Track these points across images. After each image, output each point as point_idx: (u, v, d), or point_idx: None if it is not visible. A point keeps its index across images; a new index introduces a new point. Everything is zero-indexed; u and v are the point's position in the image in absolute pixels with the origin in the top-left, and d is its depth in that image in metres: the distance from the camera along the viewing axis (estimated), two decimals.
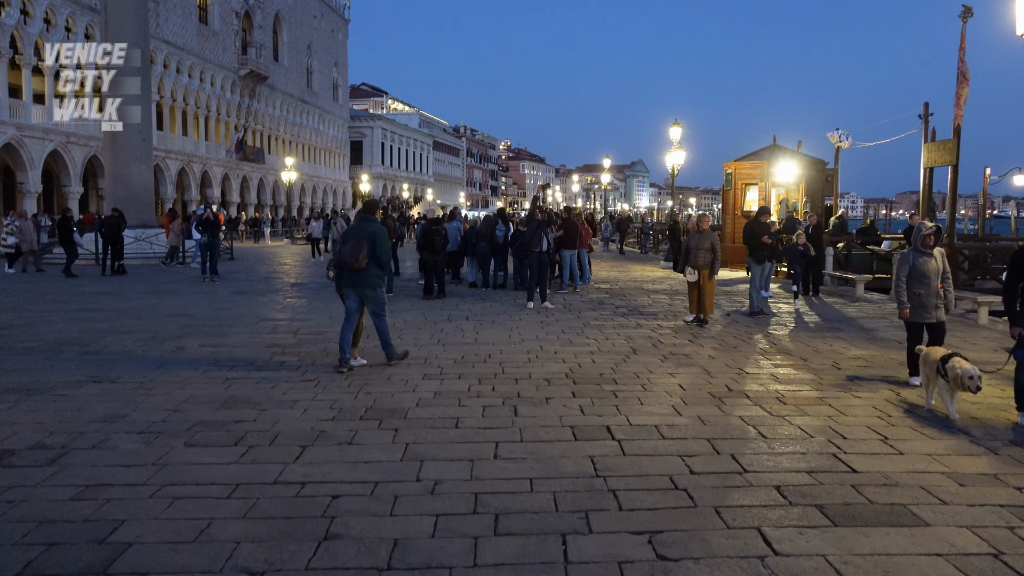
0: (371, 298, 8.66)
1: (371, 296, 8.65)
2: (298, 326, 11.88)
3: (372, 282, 8.56)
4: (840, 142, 24.58)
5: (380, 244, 8.39)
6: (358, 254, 8.26)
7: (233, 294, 16.39)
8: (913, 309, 7.82)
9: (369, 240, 8.34)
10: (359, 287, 8.57)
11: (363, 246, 8.28)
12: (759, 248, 13.67)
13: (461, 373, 8.44)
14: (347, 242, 8.39)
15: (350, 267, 8.36)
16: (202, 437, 6.09)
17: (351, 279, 8.52)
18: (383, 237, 8.51)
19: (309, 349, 9.94)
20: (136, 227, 26.12)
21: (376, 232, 8.44)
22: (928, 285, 7.77)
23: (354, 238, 8.37)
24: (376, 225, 8.64)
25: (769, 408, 6.96)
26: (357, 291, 8.60)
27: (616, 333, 11.40)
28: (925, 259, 7.79)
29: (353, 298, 8.65)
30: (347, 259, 8.31)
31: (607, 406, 7.01)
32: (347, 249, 8.32)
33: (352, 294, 8.64)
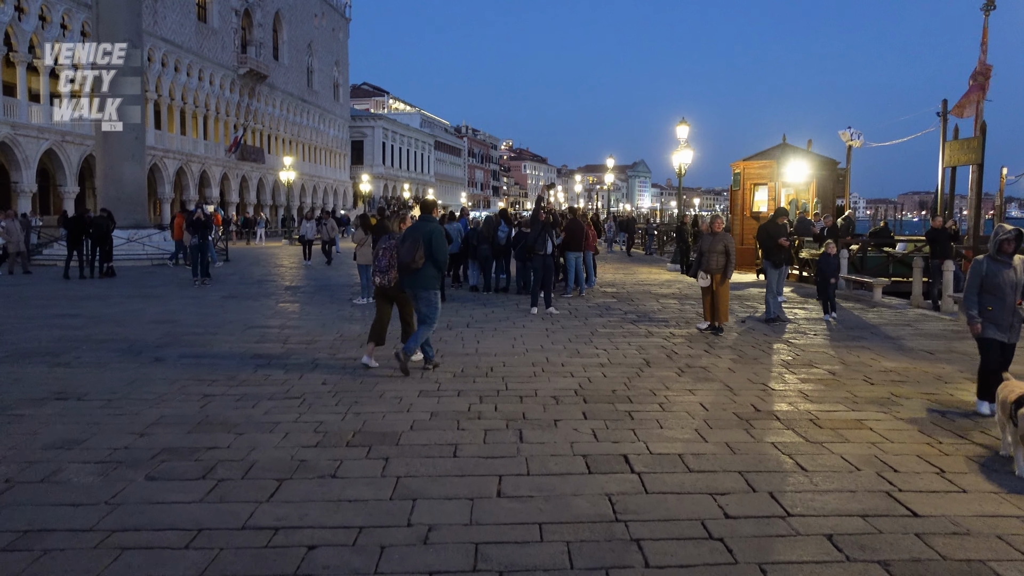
0: (424, 298, 8.53)
1: (424, 296, 8.52)
2: (288, 334, 11.17)
3: (428, 282, 8.47)
4: (852, 141, 23.86)
5: (436, 244, 8.31)
6: (415, 253, 8.18)
7: (223, 298, 15.68)
8: (984, 325, 6.75)
9: (425, 240, 8.23)
10: (414, 287, 8.48)
11: (419, 246, 8.19)
12: (776, 251, 12.94)
13: (460, 389, 7.73)
14: (405, 242, 8.30)
15: (407, 267, 8.29)
16: (167, 468, 5.38)
17: (407, 279, 8.45)
18: (440, 237, 8.43)
19: (297, 360, 9.23)
20: (128, 228, 25.44)
21: (433, 232, 8.35)
22: (1003, 299, 6.64)
23: (411, 238, 8.27)
24: (434, 225, 8.55)
25: (804, 433, 6.23)
26: (412, 291, 8.52)
27: (626, 342, 10.68)
28: (1001, 269, 6.66)
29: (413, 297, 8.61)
30: (404, 259, 8.24)
31: (623, 430, 6.29)
32: (404, 249, 8.26)
33: (410, 293, 8.60)
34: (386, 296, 8.95)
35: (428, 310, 8.52)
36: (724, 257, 11.50)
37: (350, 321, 12.58)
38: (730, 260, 11.43)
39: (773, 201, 25.34)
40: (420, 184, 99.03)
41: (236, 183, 60.20)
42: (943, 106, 20.21)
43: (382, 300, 9.04)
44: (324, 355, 9.58)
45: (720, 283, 11.51)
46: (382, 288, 8.81)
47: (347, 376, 8.34)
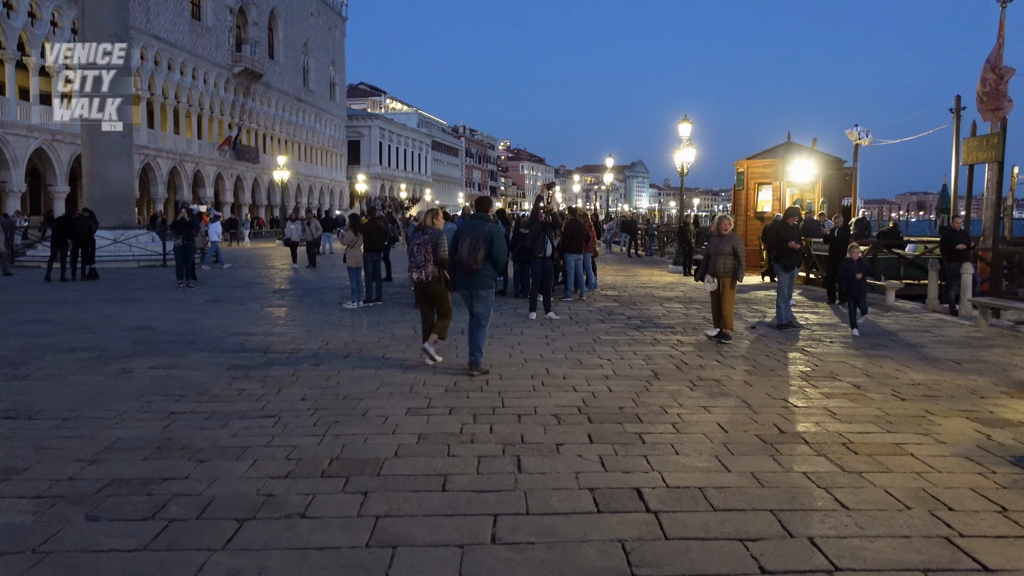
0: (482, 298, 8.43)
1: (483, 296, 8.42)
2: (270, 342, 10.46)
3: (486, 282, 8.38)
4: (860, 139, 23.19)
5: (497, 244, 8.22)
6: (476, 254, 8.09)
7: (206, 302, 14.96)
8: None
9: (486, 240, 8.13)
10: (473, 287, 8.36)
11: (480, 246, 8.09)
12: (787, 254, 12.25)
13: (452, 406, 7.02)
14: (463, 241, 8.17)
15: (467, 267, 8.17)
16: (112, 505, 4.67)
17: (465, 279, 8.34)
18: (500, 237, 8.36)
19: (277, 372, 8.51)
20: (115, 228, 24.74)
21: (493, 232, 8.26)
22: None
23: (471, 238, 8.15)
24: (492, 224, 8.46)
25: (838, 460, 5.53)
26: (470, 291, 8.39)
27: (631, 351, 9.98)
28: None
29: (466, 297, 8.51)
30: (465, 259, 8.13)
31: (634, 456, 5.58)
32: (465, 249, 8.13)
33: (465, 294, 8.47)
34: (424, 292, 8.94)
35: (485, 310, 8.46)
36: (733, 260, 10.81)
37: (337, 327, 11.87)
38: (740, 263, 10.74)
39: (778, 201, 24.69)
40: (417, 184, 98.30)
41: (231, 183, 59.46)
42: (956, 102, 19.54)
43: (422, 298, 9.09)
44: (306, 366, 8.87)
45: (729, 287, 10.82)
46: (419, 284, 8.82)
47: (329, 391, 7.63)
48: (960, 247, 14.67)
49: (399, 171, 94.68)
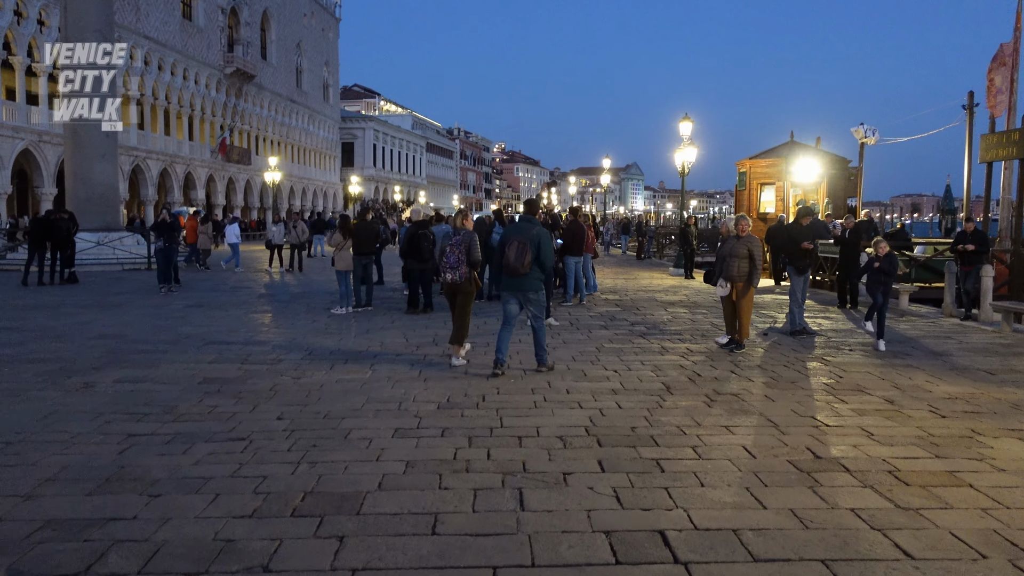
0: (533, 301, 8.42)
1: (533, 299, 8.41)
2: (249, 352, 9.71)
3: (535, 285, 8.35)
4: (866, 138, 22.55)
5: (545, 248, 8.24)
6: (524, 258, 8.06)
7: (187, 307, 14.21)
8: None
9: (533, 243, 8.12)
10: (522, 290, 8.35)
11: (528, 250, 8.06)
12: (800, 256, 11.55)
13: (445, 427, 6.29)
14: (510, 245, 8.14)
15: (515, 271, 8.14)
16: (40, 556, 3.94)
17: (513, 282, 8.33)
18: (547, 239, 8.36)
19: (254, 387, 7.78)
20: (98, 230, 23.96)
21: (541, 235, 8.25)
22: None
23: (518, 241, 8.13)
24: (539, 227, 8.43)
25: (888, 493, 4.82)
26: (519, 294, 8.39)
27: (639, 361, 9.27)
28: None
29: (513, 302, 8.46)
30: (512, 263, 8.10)
31: (653, 489, 4.87)
32: (512, 253, 8.09)
33: (512, 298, 8.45)
34: (452, 293, 8.97)
35: (538, 310, 8.48)
36: (748, 263, 10.10)
37: (323, 335, 11.13)
38: (755, 267, 10.03)
39: (781, 202, 24.08)
40: (411, 186, 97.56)
41: (222, 185, 58.63)
42: (969, 99, 18.88)
43: (450, 297, 9.10)
44: (287, 379, 8.14)
45: (743, 293, 10.11)
46: (452, 285, 8.81)
47: (309, 408, 6.90)
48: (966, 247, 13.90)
49: (393, 173, 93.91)
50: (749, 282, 10.14)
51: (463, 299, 8.93)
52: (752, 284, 10.13)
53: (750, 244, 10.09)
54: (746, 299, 10.20)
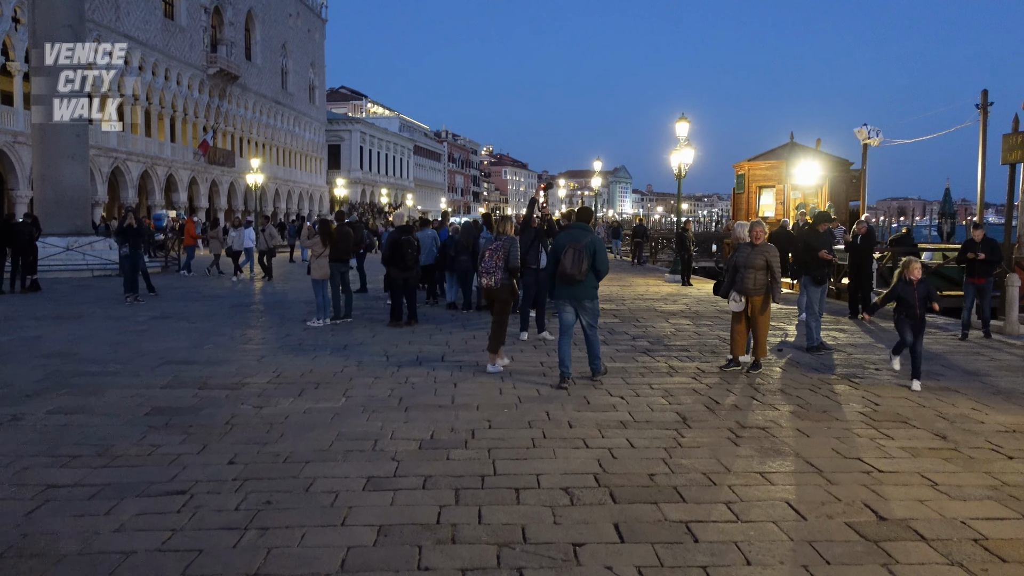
0: (588, 309, 8.33)
1: (588, 308, 8.33)
2: (211, 374, 8.67)
3: (590, 293, 8.30)
4: (869, 139, 21.70)
5: (600, 255, 8.22)
6: (580, 265, 8.00)
7: (152, 319, 13.14)
8: None
9: (589, 251, 8.07)
10: (577, 298, 8.25)
11: (584, 257, 8.00)
12: (818, 265, 10.60)
13: (428, 475, 5.28)
14: (566, 252, 8.06)
15: (572, 278, 8.05)
16: None
17: (568, 290, 8.23)
18: (602, 247, 8.37)
19: (208, 419, 6.74)
20: (68, 235, 22.81)
21: (596, 242, 8.22)
22: None
23: (573, 248, 8.06)
24: (594, 235, 8.36)
25: (984, 574, 3.84)
26: (574, 303, 8.28)
27: (647, 384, 8.28)
28: None
29: (568, 310, 8.36)
30: (569, 270, 8.02)
31: (688, 569, 3.86)
32: (568, 260, 8.03)
33: (568, 306, 8.33)
34: (490, 298, 8.99)
35: (593, 318, 8.39)
36: (766, 274, 9.09)
37: (296, 352, 10.09)
38: (775, 279, 9.04)
39: (781, 205, 23.21)
40: (399, 189, 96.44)
41: (205, 188, 57.43)
42: (983, 97, 18.02)
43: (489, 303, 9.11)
44: (248, 408, 7.11)
45: (761, 309, 9.11)
46: (489, 290, 8.87)
47: (268, 449, 5.87)
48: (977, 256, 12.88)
49: (380, 176, 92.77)
50: (768, 296, 9.13)
51: (500, 306, 8.95)
52: (774, 298, 9.12)
53: (767, 253, 9.11)
54: (765, 315, 9.20)
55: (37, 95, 22.78)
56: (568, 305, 8.32)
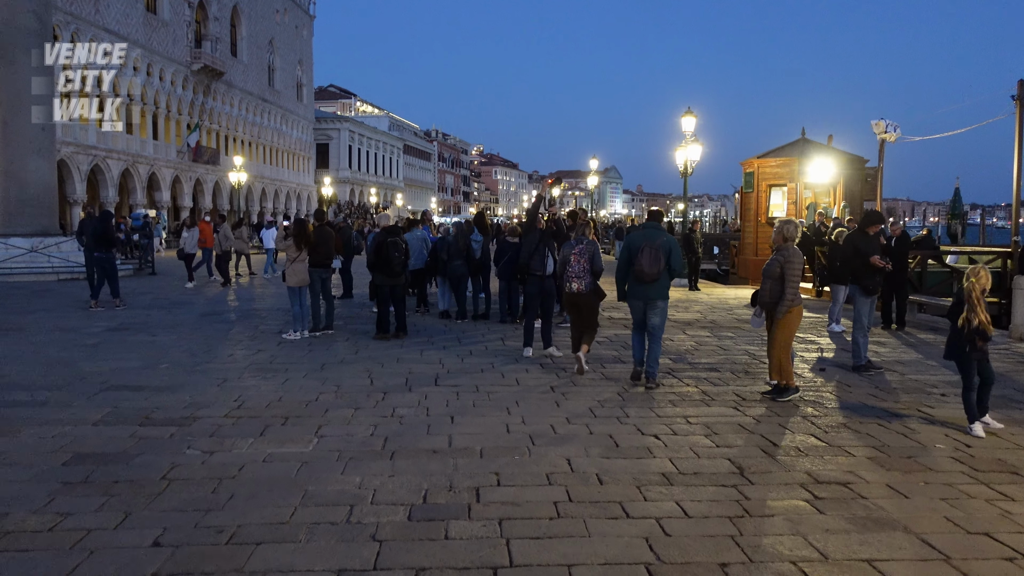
0: (659, 309, 8.31)
1: (659, 307, 8.30)
2: (158, 403, 7.23)
3: (663, 293, 8.30)
4: (886, 133, 20.38)
5: (676, 255, 8.27)
6: (658, 265, 8.04)
7: (107, 331, 11.66)
8: None
9: (665, 251, 8.11)
10: (651, 298, 8.25)
11: (660, 257, 8.04)
12: (868, 273, 9.24)
13: (420, 566, 3.88)
14: (642, 252, 8.07)
15: (649, 278, 8.07)
16: None
17: (642, 289, 8.23)
18: (677, 246, 8.40)
19: (141, 471, 5.32)
20: (32, 235, 21.28)
21: (671, 243, 8.26)
22: None
23: (649, 248, 8.08)
24: (669, 235, 8.44)
25: None
26: (647, 302, 8.27)
27: (682, 417, 6.90)
28: None
29: (640, 309, 8.35)
30: (646, 271, 8.04)
31: None
32: (645, 260, 8.03)
33: (639, 304, 8.34)
34: (577, 303, 8.87)
35: (660, 321, 8.36)
36: (779, 284, 7.72)
37: (265, 373, 8.65)
38: (786, 286, 7.66)
39: (793, 205, 21.87)
40: (388, 189, 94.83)
41: (189, 187, 55.71)
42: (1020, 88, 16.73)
43: (573, 308, 9.00)
44: (194, 455, 5.68)
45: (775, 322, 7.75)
46: (575, 295, 8.80)
47: (207, 521, 4.45)
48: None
49: (369, 175, 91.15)
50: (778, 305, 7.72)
51: (589, 311, 8.92)
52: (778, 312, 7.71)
53: (782, 258, 7.74)
54: (777, 331, 7.80)
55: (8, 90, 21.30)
56: (639, 303, 8.32)
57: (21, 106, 21.09)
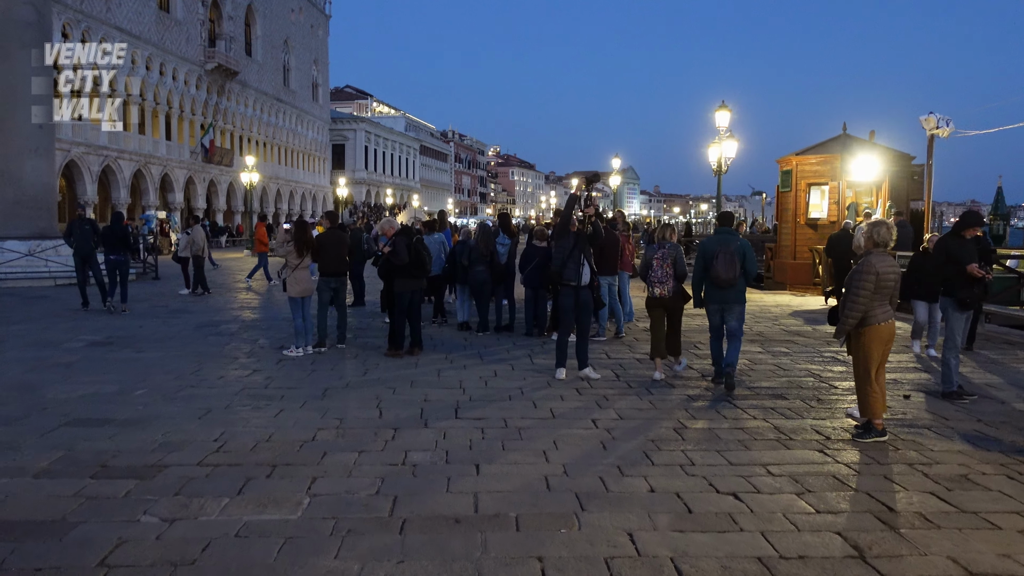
0: (739, 313, 8.37)
1: (739, 311, 8.37)
2: (121, 444, 5.99)
3: (741, 296, 8.37)
4: (937, 129, 18.94)
5: (750, 258, 8.26)
6: (734, 269, 8.06)
7: (89, 347, 10.46)
8: None
9: (740, 255, 8.12)
10: (729, 302, 8.29)
11: (735, 260, 8.06)
12: (964, 284, 7.88)
13: None
14: (718, 257, 8.08)
15: (726, 283, 8.08)
16: None
17: (720, 294, 8.25)
18: (751, 250, 8.37)
19: (75, 548, 4.07)
20: (29, 238, 20.19)
21: (745, 247, 8.24)
22: None
23: (724, 252, 8.07)
24: (742, 239, 8.45)
25: None
26: (725, 305, 8.31)
27: (761, 466, 5.57)
28: None
29: (718, 312, 8.39)
30: (724, 275, 8.05)
31: None
32: (721, 265, 8.05)
33: (717, 309, 8.38)
34: (662, 307, 8.79)
35: (739, 323, 8.45)
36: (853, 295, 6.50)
37: (257, 401, 7.41)
38: (848, 300, 6.39)
39: (836, 205, 20.43)
40: (404, 190, 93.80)
41: (203, 188, 54.85)
42: None
43: (657, 312, 8.85)
44: (151, 523, 4.43)
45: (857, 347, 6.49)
46: (660, 299, 8.71)
47: None
48: None
49: (386, 176, 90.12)
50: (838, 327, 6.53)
51: (673, 315, 8.89)
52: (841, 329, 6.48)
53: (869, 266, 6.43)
54: (855, 355, 6.52)
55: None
56: (717, 308, 8.37)
57: (17, 103, 20.02)
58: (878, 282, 6.35)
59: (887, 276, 6.41)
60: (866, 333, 6.43)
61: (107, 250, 14.30)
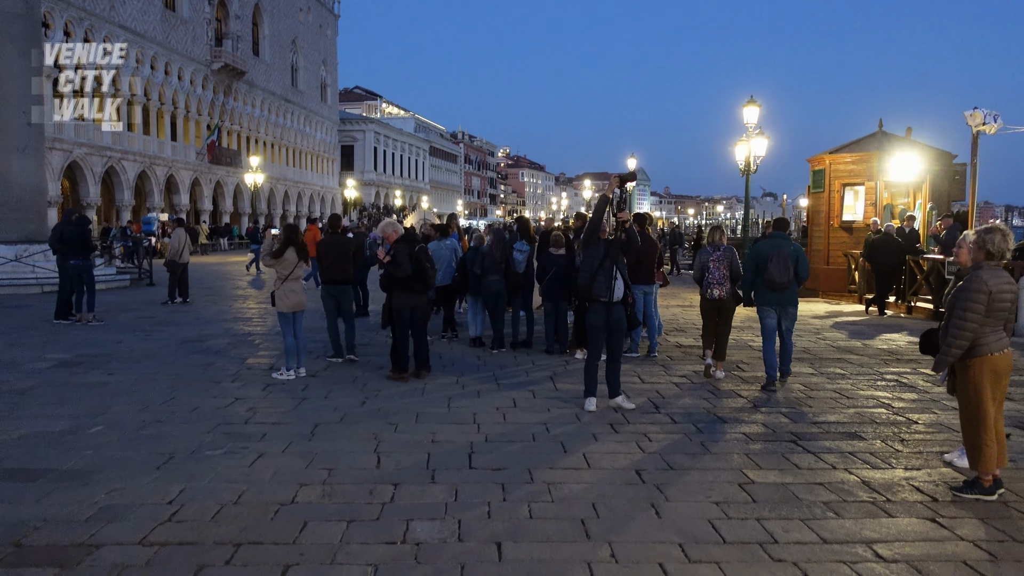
0: (791, 314, 8.61)
1: (791, 313, 8.61)
2: (51, 509, 4.77)
3: (794, 299, 8.61)
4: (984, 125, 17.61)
5: (803, 262, 8.46)
6: (788, 273, 8.26)
7: (55, 367, 9.25)
8: None
9: (793, 259, 8.31)
10: (783, 304, 8.49)
11: (789, 265, 8.26)
12: None
13: None
14: (772, 261, 8.25)
15: (781, 286, 8.29)
16: None
17: (774, 297, 8.43)
18: (804, 255, 8.55)
19: None
20: (18, 242, 19.06)
21: (798, 251, 8.46)
22: None
23: (777, 257, 8.25)
24: (795, 243, 8.69)
25: None
26: (779, 308, 8.49)
27: (863, 544, 4.33)
28: None
29: (772, 315, 8.52)
30: (778, 280, 8.25)
31: None
32: (776, 269, 8.23)
33: (772, 312, 8.50)
34: (717, 309, 8.91)
35: (791, 324, 8.67)
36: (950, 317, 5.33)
37: (231, 442, 6.17)
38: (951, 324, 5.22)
39: (873, 206, 19.11)
40: (414, 191, 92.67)
41: (209, 189, 53.82)
42: None
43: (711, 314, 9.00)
44: None
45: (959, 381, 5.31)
46: (718, 302, 8.85)
47: None
48: None
49: (395, 177, 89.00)
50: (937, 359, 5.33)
51: (727, 315, 8.99)
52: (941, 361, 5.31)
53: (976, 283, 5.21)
54: (969, 389, 5.29)
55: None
56: (772, 311, 8.51)
57: (4, 100, 18.91)
58: (991, 302, 5.12)
59: (1002, 295, 5.17)
60: (975, 365, 5.19)
61: (67, 255, 13.32)
